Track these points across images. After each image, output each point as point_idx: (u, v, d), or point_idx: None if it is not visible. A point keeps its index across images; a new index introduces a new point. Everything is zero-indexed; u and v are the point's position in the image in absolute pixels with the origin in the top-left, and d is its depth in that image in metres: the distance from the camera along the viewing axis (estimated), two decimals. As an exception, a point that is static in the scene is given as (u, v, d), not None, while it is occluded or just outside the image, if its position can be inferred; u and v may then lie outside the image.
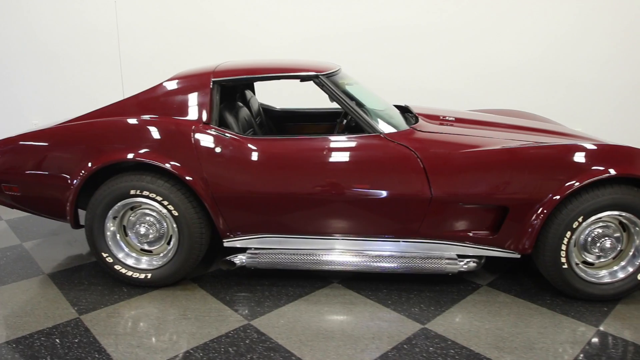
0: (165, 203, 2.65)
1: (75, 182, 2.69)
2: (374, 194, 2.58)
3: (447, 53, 4.83)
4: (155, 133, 2.66)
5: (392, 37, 4.84)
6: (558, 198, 2.46)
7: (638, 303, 2.64)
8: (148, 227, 2.76)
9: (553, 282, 2.64)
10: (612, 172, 2.42)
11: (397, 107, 3.34)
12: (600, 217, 2.50)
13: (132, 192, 2.65)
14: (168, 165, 2.61)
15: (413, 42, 4.83)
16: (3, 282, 2.91)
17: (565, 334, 2.35)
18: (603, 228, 2.56)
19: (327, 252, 2.73)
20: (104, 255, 2.78)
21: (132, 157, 2.62)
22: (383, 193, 2.58)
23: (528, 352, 2.21)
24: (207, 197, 2.64)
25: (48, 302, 2.68)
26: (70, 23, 5.06)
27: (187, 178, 2.61)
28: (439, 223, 2.64)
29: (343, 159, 2.62)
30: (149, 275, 2.77)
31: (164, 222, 2.76)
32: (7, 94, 5.30)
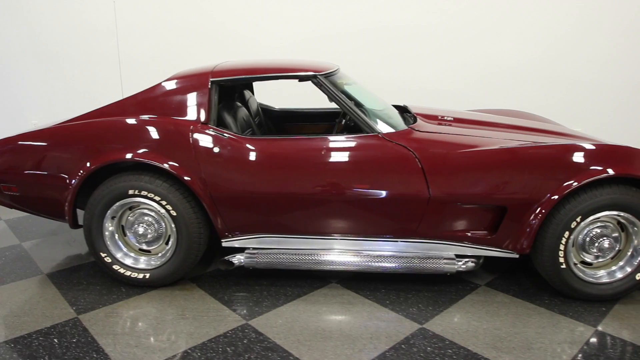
0: (164, 203, 2.65)
1: (74, 182, 2.70)
2: (372, 194, 2.58)
3: (447, 53, 4.82)
4: (154, 133, 2.67)
5: (392, 37, 4.83)
6: (556, 198, 2.45)
7: (636, 303, 2.64)
8: (146, 227, 2.77)
9: (551, 282, 2.63)
10: (610, 172, 2.42)
11: (395, 107, 3.34)
12: (599, 217, 2.50)
13: (130, 192, 2.66)
14: (166, 165, 2.61)
15: (413, 42, 4.82)
16: (2, 281, 2.92)
17: (564, 334, 2.35)
18: (601, 228, 2.56)
19: (325, 252, 2.73)
20: (103, 255, 2.78)
21: (130, 157, 2.63)
22: (381, 193, 2.58)
23: (526, 352, 2.21)
24: (205, 197, 2.65)
25: (46, 301, 2.69)
26: (70, 23, 5.06)
27: (185, 178, 2.61)
28: (438, 223, 2.63)
29: (341, 159, 2.62)
30: (147, 275, 2.78)
31: (163, 222, 2.77)
32: (6, 94, 5.31)
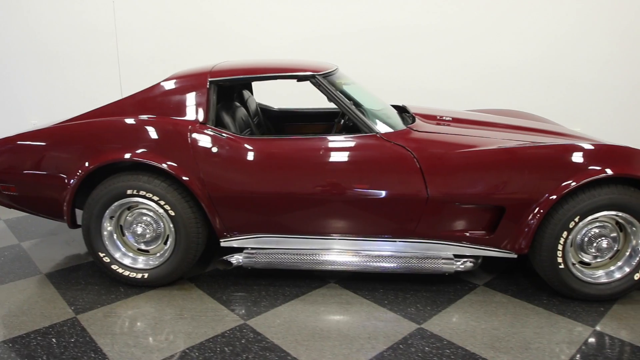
0: (162, 203, 2.65)
1: (72, 181, 2.70)
2: (371, 194, 2.58)
3: (447, 53, 4.82)
4: (152, 133, 2.67)
5: (391, 37, 4.83)
6: (554, 198, 2.45)
7: (635, 303, 2.63)
8: (145, 226, 2.77)
9: (549, 282, 2.63)
10: (609, 172, 2.41)
11: (394, 107, 3.34)
12: (597, 217, 2.50)
13: (128, 192, 2.66)
14: (165, 165, 2.61)
15: (413, 42, 4.82)
16: (0, 281, 2.92)
17: (562, 334, 2.35)
18: (600, 228, 2.55)
19: (323, 252, 2.73)
20: (101, 255, 2.78)
21: (129, 157, 2.63)
22: (379, 193, 2.57)
23: (524, 352, 2.21)
24: (203, 197, 2.65)
25: (45, 301, 2.69)
26: (69, 23, 5.07)
27: (183, 178, 2.61)
28: (436, 223, 2.63)
29: (340, 159, 2.62)
30: (146, 275, 2.78)
31: (161, 222, 2.77)
32: (6, 94, 5.32)
